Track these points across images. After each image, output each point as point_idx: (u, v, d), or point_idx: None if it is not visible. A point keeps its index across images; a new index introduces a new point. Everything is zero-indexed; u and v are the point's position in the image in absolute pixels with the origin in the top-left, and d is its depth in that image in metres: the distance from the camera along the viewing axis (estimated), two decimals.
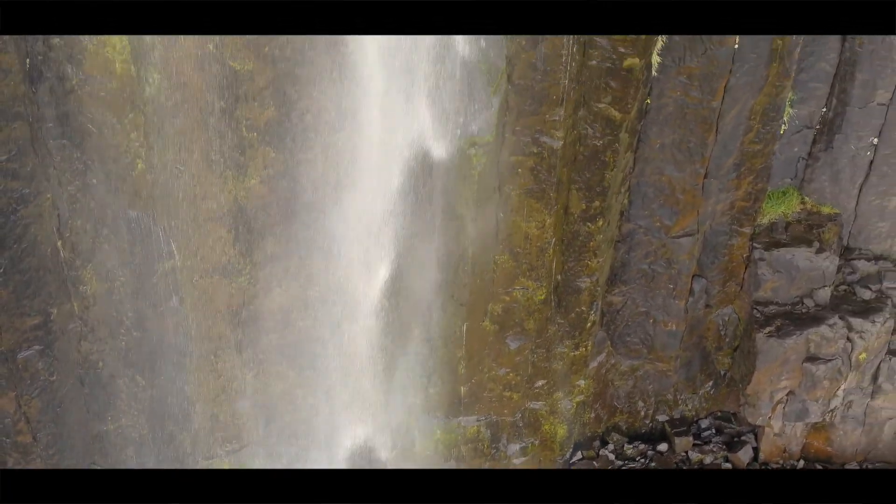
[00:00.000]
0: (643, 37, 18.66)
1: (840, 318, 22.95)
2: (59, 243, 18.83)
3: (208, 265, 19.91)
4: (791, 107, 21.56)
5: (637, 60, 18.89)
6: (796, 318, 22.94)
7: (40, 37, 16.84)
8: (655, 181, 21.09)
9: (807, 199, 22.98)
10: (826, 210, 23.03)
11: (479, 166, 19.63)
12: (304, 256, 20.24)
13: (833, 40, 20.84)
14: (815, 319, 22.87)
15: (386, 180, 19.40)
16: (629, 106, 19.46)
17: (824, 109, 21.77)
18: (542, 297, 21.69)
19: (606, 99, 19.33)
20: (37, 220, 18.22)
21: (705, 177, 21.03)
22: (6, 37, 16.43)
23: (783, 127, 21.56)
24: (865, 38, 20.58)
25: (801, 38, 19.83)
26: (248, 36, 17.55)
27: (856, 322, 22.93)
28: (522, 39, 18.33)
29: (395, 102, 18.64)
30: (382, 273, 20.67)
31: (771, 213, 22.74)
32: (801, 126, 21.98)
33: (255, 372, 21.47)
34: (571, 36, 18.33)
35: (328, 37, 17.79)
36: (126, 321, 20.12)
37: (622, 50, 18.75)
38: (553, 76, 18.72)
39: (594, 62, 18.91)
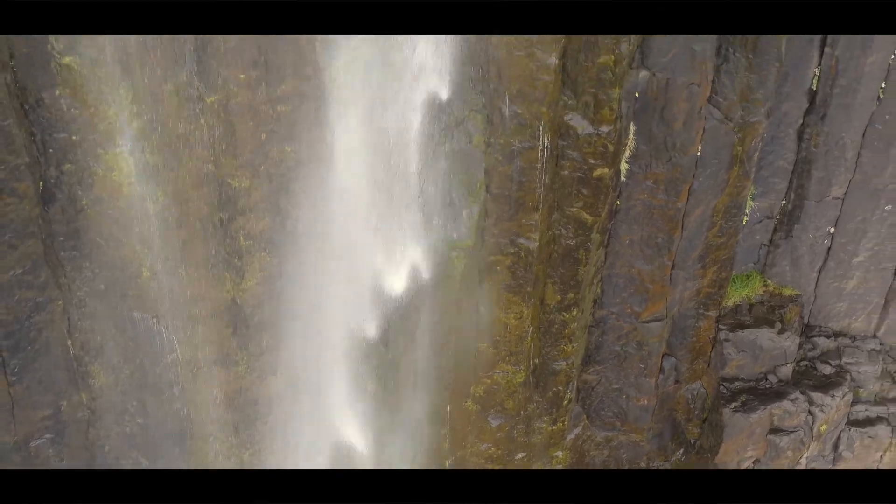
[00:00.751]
0: (611, 147, 20.01)
1: (801, 392, 24.35)
2: (69, 342, 20.12)
3: (208, 357, 21.21)
4: (752, 200, 22.95)
5: (606, 170, 20.26)
6: (760, 394, 24.34)
7: (53, 163, 18.11)
8: (626, 273, 22.45)
9: (769, 281, 24.38)
10: (787, 292, 24.44)
11: (461, 267, 20.98)
12: (297, 347, 21.57)
13: (790, 141, 22.23)
14: (778, 394, 24.27)
15: (373, 282, 20.74)
16: (600, 210, 20.82)
17: (783, 202, 23.17)
18: (521, 379, 23.05)
19: (578, 204, 20.68)
20: (49, 324, 19.52)
21: (672, 268, 22.39)
22: (22, 164, 17.72)
23: (745, 218, 22.96)
24: (821, 139, 21.98)
25: (760, 144, 21.21)
26: (244, 157, 18.89)
27: (816, 396, 24.34)
28: (499, 154, 19.70)
29: (380, 212, 19.98)
30: (372, 363, 22.02)
31: (735, 295, 24.14)
32: (762, 217, 23.38)
33: (250, 451, 22.79)
34: (545, 150, 19.70)
35: (318, 154, 19.16)
36: (131, 409, 21.42)
37: (592, 161, 20.11)
38: (528, 185, 20.08)
39: (566, 172, 20.26)
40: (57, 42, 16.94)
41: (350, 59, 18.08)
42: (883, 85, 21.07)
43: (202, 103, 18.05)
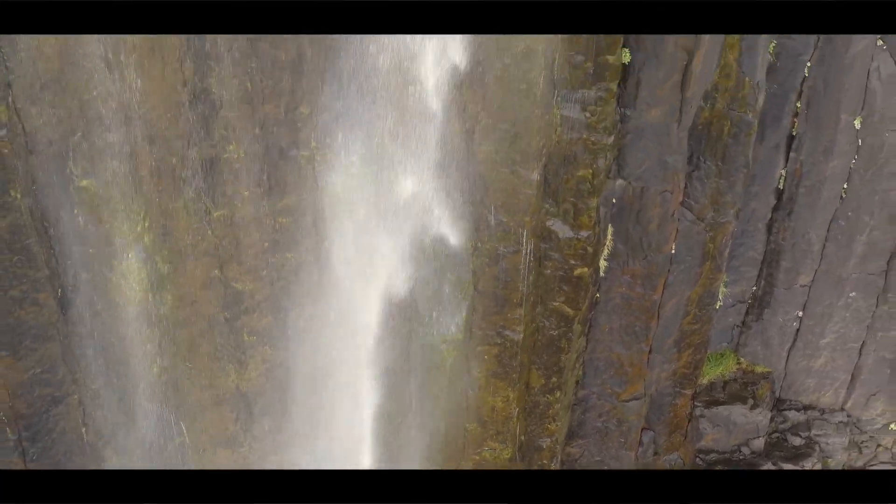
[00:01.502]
0: (590, 249, 21.27)
1: (773, 463, 25.62)
2: (83, 430, 21.35)
3: (213, 440, 22.46)
4: (725, 287, 24.25)
5: (586, 269, 21.53)
6: (734, 465, 25.60)
7: (71, 272, 19.35)
8: (606, 357, 23.72)
9: (742, 360, 25.67)
10: (760, 369, 25.73)
11: (451, 358, 22.25)
12: (297, 429, 22.82)
13: (760, 234, 23.52)
14: (751, 466, 25.53)
15: (369, 373, 22.01)
16: (580, 304, 22.09)
17: (754, 288, 24.46)
18: (508, 455, 24.30)
19: (560, 298, 21.95)
20: (65, 416, 20.75)
21: (650, 353, 23.66)
22: (42, 277, 18.96)
23: (718, 304, 24.24)
24: (788, 233, 23.26)
25: (730, 240, 22.49)
26: (247, 263, 20.16)
27: (787, 467, 25.60)
28: (486, 258, 20.97)
29: (375, 313, 21.27)
30: (367, 442, 23.27)
31: (711, 373, 25.43)
32: (734, 301, 24.68)
33: None
34: (528, 253, 20.98)
35: (317, 260, 20.43)
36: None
37: (573, 262, 21.38)
38: (513, 285, 21.35)
39: (549, 271, 21.53)
40: (76, 166, 18.20)
41: (346, 177, 19.36)
42: (845, 186, 22.37)
43: (209, 217, 19.32)
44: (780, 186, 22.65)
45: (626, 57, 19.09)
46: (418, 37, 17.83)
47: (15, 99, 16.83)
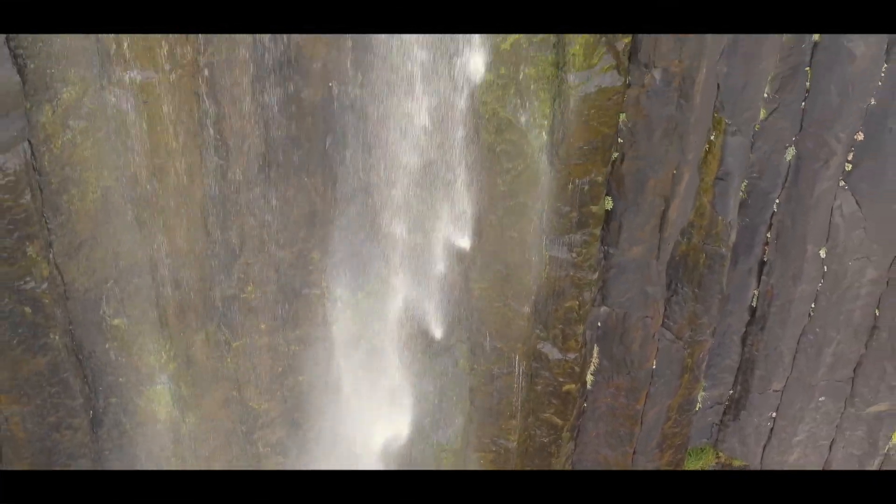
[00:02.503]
0: (578, 368, 22.85)
1: None
2: None
3: None
4: (704, 391, 25.82)
5: (574, 386, 23.11)
6: None
7: (101, 397, 20.95)
8: (593, 458, 25.28)
9: (721, 453, 27.21)
10: (737, 463, 27.26)
11: (448, 465, 23.83)
12: None
13: (735, 346, 25.10)
14: None
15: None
16: (569, 415, 23.67)
17: (731, 392, 26.03)
18: None
19: (550, 410, 23.53)
20: None
21: (634, 454, 25.22)
22: (77, 405, 20.56)
23: (697, 406, 25.82)
24: (761, 345, 24.84)
25: (706, 355, 24.07)
26: (263, 385, 21.77)
27: None
28: (482, 377, 22.57)
29: (377, 423, 22.87)
30: None
31: (691, 466, 26.96)
32: (713, 403, 26.24)
33: None
34: (520, 374, 22.57)
35: (327, 382, 22.02)
36: None
37: (561, 379, 22.97)
38: (507, 400, 22.95)
39: (539, 388, 23.12)
40: (108, 307, 19.81)
41: (353, 313, 20.98)
42: (813, 305, 23.96)
43: (229, 347, 20.93)
44: (754, 304, 24.21)
45: (609, 204, 20.69)
46: (417, 197, 19.47)
47: (55, 255, 18.44)
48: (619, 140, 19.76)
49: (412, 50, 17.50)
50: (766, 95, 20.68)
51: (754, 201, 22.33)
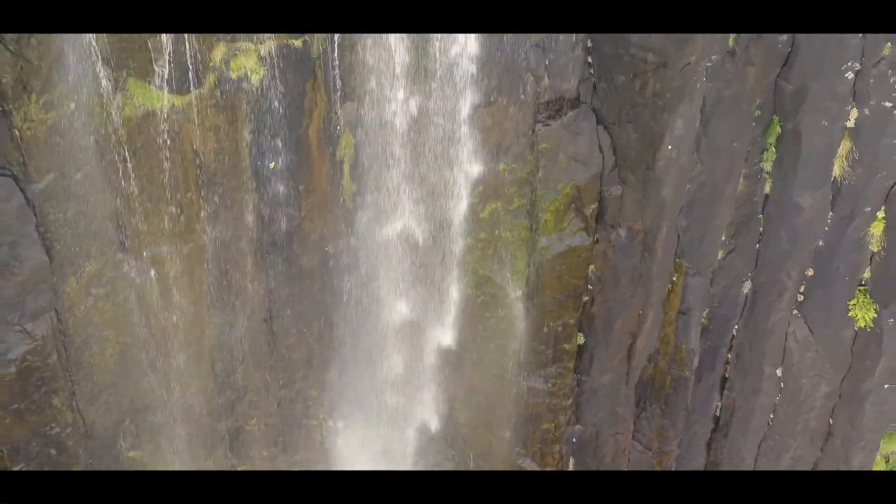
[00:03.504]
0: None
1: None
2: None
3: None
4: None
5: None
6: None
7: None
8: None
9: None
10: None
11: None
12: None
13: (701, 450, 26.86)
14: None
15: None
16: None
17: None
18: None
19: None
20: None
21: None
22: None
23: None
24: (725, 450, 26.60)
25: (674, 462, 25.84)
26: None
27: None
28: None
29: None
30: None
31: None
32: None
33: None
34: None
35: None
36: None
37: None
38: None
39: None
40: (125, 442, 21.52)
41: (348, 439, 22.73)
42: (771, 416, 25.75)
43: (234, 469, 22.63)
44: (717, 414, 25.98)
45: (581, 339, 22.47)
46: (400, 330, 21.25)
47: (78, 402, 20.13)
48: (589, 287, 21.53)
49: (401, 225, 19.38)
50: (723, 240, 22.45)
51: (715, 327, 24.09)
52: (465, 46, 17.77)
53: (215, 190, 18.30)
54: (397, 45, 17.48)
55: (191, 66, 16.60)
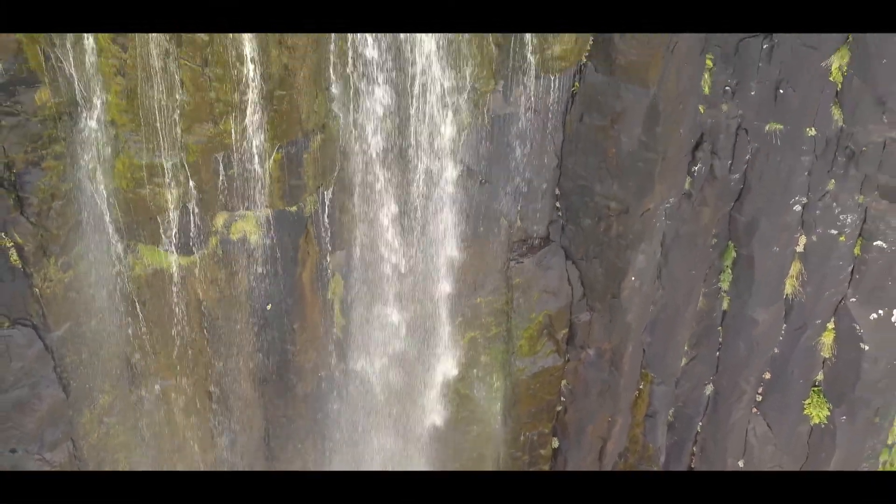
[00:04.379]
0: None
1: None
2: None
3: None
4: None
5: None
6: None
7: None
8: None
9: None
10: None
11: None
12: None
13: None
14: None
15: None
16: None
17: None
18: None
19: None
20: None
21: None
22: None
23: None
24: None
25: None
26: None
27: None
28: None
29: None
30: None
31: None
32: None
33: None
34: None
35: None
36: None
37: None
38: None
39: None
40: None
41: None
42: None
43: None
44: None
45: (555, 444, 24.17)
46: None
47: None
48: (562, 398, 23.24)
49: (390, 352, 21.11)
50: (685, 349, 24.20)
51: (681, 424, 25.80)
52: (444, 203, 19.47)
53: (218, 330, 19.92)
54: (385, 197, 19.14)
55: (195, 233, 18.23)
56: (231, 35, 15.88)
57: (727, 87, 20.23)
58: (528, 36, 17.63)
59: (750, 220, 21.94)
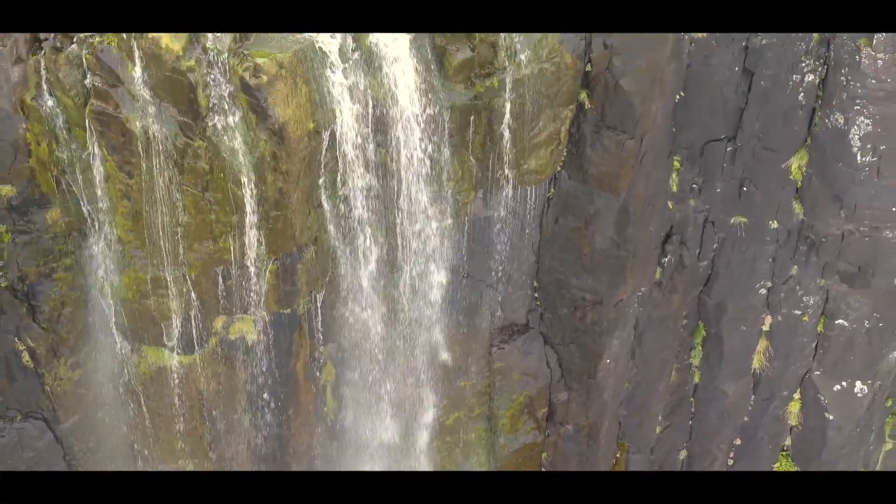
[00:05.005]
0: None
1: None
2: None
3: None
4: None
5: None
6: None
7: None
8: None
9: None
10: None
11: None
12: None
13: None
14: None
15: None
16: None
17: None
18: None
19: None
20: None
21: None
22: None
23: None
24: None
25: None
26: None
27: None
28: None
29: None
30: None
31: None
32: None
33: None
34: None
35: None
36: None
37: None
38: None
39: None
40: None
41: None
42: None
43: None
44: None
45: None
46: None
47: None
48: (542, 469, 24.52)
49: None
50: (659, 419, 25.49)
51: None
52: (429, 298, 20.73)
53: (217, 419, 21.15)
54: (373, 298, 20.40)
55: (196, 335, 19.46)
56: (230, 162, 17.10)
57: (694, 185, 21.50)
58: (506, 153, 18.89)
59: (718, 302, 23.22)
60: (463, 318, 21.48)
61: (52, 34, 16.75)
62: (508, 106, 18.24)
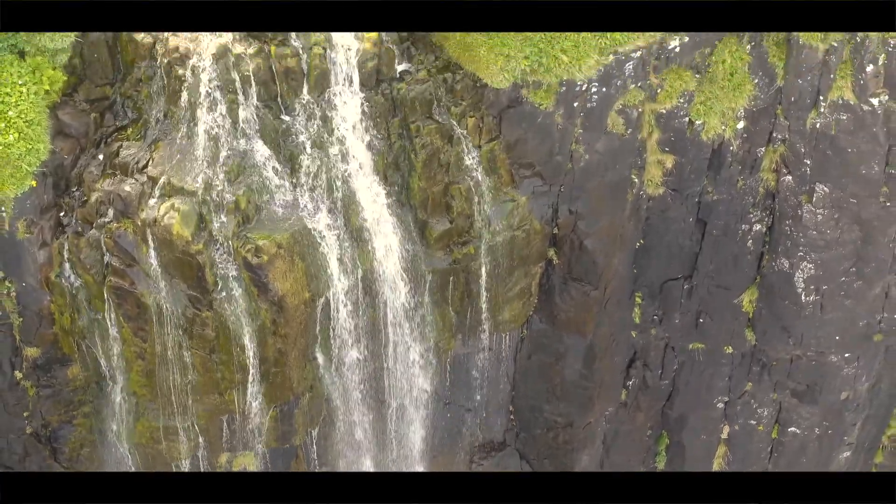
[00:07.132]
0: None
1: None
2: None
3: None
4: None
5: None
6: None
7: None
8: None
9: None
10: None
11: None
12: None
13: None
14: None
15: None
16: None
17: None
18: None
19: None
20: None
21: None
22: None
23: None
24: None
25: None
26: None
27: None
28: None
29: None
30: None
31: None
32: None
33: None
34: None
35: None
36: None
37: None
38: None
39: None
40: None
41: None
42: None
43: None
44: None
45: None
46: None
47: None
48: None
49: None
50: None
51: None
52: (414, 425, 22.67)
53: None
54: (364, 431, 22.31)
55: (202, 469, 21.34)
56: (234, 328, 19.00)
57: (655, 317, 23.46)
58: (483, 307, 20.87)
59: (679, 415, 25.19)
60: (446, 437, 23.36)
61: (74, 220, 18.55)
62: (485, 268, 20.16)
